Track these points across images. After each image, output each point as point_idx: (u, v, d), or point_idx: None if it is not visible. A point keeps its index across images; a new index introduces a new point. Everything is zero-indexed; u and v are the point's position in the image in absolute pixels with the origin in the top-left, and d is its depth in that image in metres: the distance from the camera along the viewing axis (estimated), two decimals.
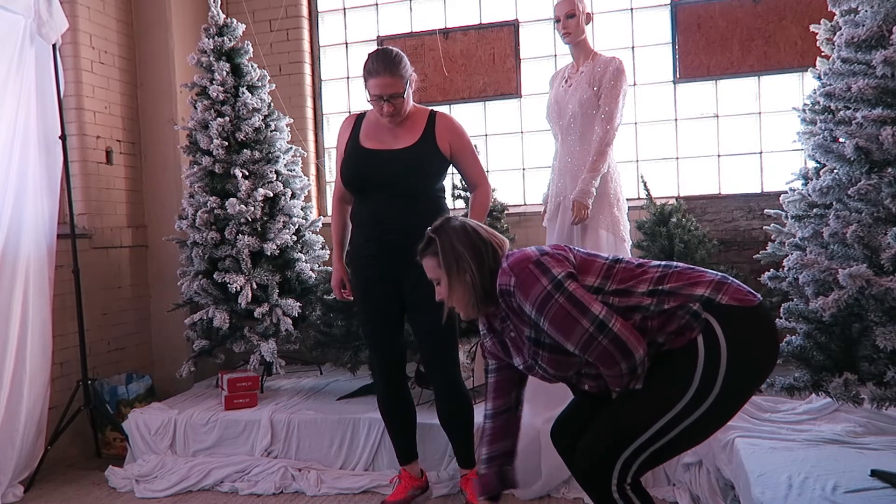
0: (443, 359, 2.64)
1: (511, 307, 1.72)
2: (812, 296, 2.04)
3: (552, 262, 1.65)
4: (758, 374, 1.67)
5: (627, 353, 1.58)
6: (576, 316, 1.59)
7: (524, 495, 2.85)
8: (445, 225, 1.83)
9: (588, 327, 1.58)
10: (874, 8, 2.06)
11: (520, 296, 1.65)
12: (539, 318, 1.64)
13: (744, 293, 1.64)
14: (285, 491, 3.02)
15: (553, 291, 1.61)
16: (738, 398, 1.65)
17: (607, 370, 1.62)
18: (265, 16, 4.53)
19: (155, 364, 4.20)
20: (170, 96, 4.14)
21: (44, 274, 3.30)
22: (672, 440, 1.62)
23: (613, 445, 1.64)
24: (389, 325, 2.68)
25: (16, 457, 3.08)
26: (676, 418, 1.59)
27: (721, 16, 3.97)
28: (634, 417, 1.63)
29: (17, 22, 3.23)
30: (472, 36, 4.37)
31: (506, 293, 1.70)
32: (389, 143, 2.58)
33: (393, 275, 2.59)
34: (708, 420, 1.61)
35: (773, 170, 3.94)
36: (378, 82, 2.47)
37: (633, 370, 1.60)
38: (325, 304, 3.42)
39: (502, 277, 1.69)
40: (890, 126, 1.92)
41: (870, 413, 2.58)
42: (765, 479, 2.17)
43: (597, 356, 1.60)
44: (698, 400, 1.58)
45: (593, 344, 1.58)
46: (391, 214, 2.55)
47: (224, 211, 3.50)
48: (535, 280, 1.63)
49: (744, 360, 1.59)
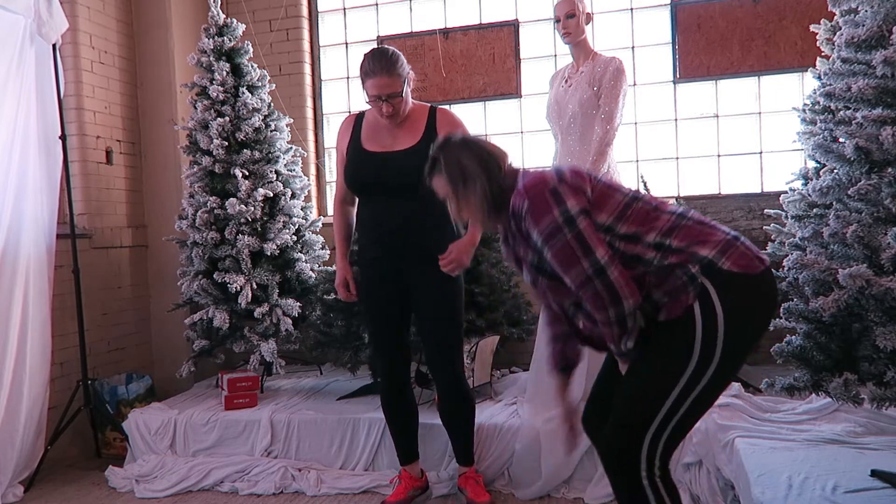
0: (447, 356, 2.64)
1: (519, 229, 1.70)
2: (812, 296, 2.04)
3: (568, 193, 1.62)
4: (757, 336, 1.68)
5: (617, 301, 1.57)
6: (579, 255, 1.58)
7: (524, 495, 2.85)
8: (447, 142, 1.82)
9: (587, 269, 1.58)
10: (874, 8, 2.07)
11: (529, 221, 1.64)
12: (544, 247, 1.63)
13: (749, 258, 1.60)
14: (285, 491, 3.02)
15: (563, 225, 1.60)
16: (739, 359, 1.65)
17: (596, 313, 1.61)
18: (265, 16, 4.53)
19: (155, 364, 4.20)
20: (170, 96, 4.14)
21: (44, 274, 3.30)
22: (687, 412, 1.61)
23: (635, 429, 1.63)
24: (394, 326, 2.68)
25: (16, 457, 3.08)
26: (685, 390, 1.59)
27: (721, 16, 3.97)
28: (647, 397, 1.62)
29: (17, 22, 3.23)
30: (472, 36, 4.37)
31: (517, 216, 1.68)
32: (390, 145, 2.57)
33: (397, 275, 2.59)
34: (714, 385, 1.61)
35: (773, 170, 3.94)
36: (375, 83, 2.45)
37: (622, 320, 1.59)
38: (325, 304, 3.42)
39: (516, 198, 1.68)
40: (890, 126, 1.92)
41: (870, 413, 2.58)
42: (765, 479, 2.17)
43: (588, 297, 1.60)
44: (701, 369, 1.58)
45: (588, 285, 1.58)
46: (393, 217, 2.54)
47: (224, 211, 3.50)
48: (547, 210, 1.61)
49: (742, 327, 1.59)
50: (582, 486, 2.84)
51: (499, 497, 2.84)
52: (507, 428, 2.95)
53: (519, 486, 2.89)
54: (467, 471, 2.77)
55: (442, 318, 2.60)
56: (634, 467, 1.62)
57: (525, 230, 1.67)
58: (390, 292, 2.62)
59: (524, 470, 2.89)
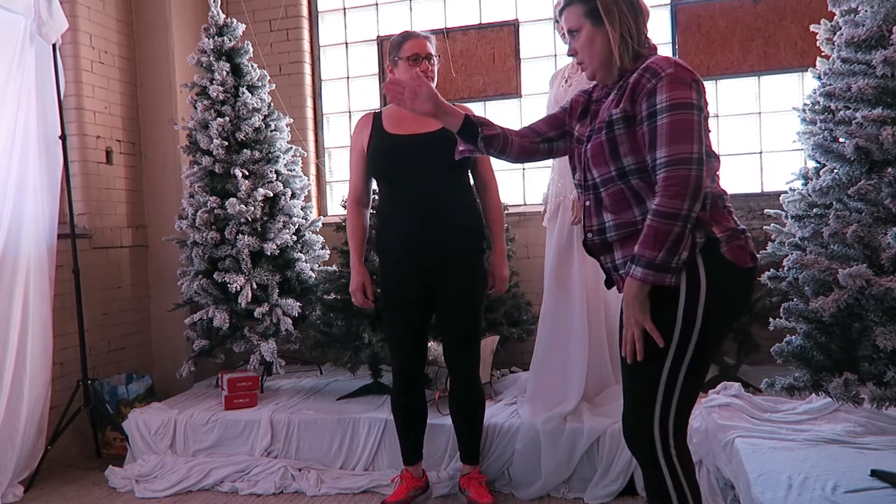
0: (466, 349, 2.66)
1: (637, 84, 1.62)
2: (812, 296, 2.04)
3: (705, 97, 1.62)
4: (727, 325, 1.71)
5: (697, 195, 1.52)
6: (693, 136, 1.54)
7: (524, 495, 2.85)
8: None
9: (694, 151, 1.53)
10: (874, 8, 2.06)
11: (665, 84, 1.57)
12: (664, 112, 1.56)
13: (744, 253, 1.62)
14: (285, 491, 3.02)
15: (694, 107, 1.57)
16: (715, 340, 1.66)
17: (671, 199, 1.52)
18: (265, 16, 4.53)
19: (155, 364, 4.20)
20: (170, 96, 4.14)
21: (44, 274, 3.30)
22: (684, 385, 1.62)
23: (642, 407, 1.64)
24: (415, 324, 2.68)
25: (16, 457, 3.08)
26: (675, 364, 1.60)
27: (721, 16, 3.97)
28: (644, 374, 1.63)
29: (17, 22, 3.23)
30: (472, 36, 4.37)
31: (652, 72, 1.61)
32: (416, 129, 2.59)
33: (421, 272, 2.60)
34: (698, 361, 1.62)
35: (773, 170, 3.94)
36: (416, 42, 2.59)
37: (687, 219, 1.52)
38: (325, 304, 3.42)
39: (660, 60, 1.63)
40: (890, 126, 1.92)
41: (870, 413, 2.58)
42: (765, 479, 2.17)
43: (675, 178, 1.52)
44: (685, 341, 1.58)
45: (684, 165, 1.52)
46: (418, 208, 2.56)
47: (224, 211, 3.50)
48: (687, 87, 1.58)
49: (719, 311, 1.60)
50: (582, 486, 2.84)
51: (499, 497, 2.84)
52: (507, 428, 2.95)
53: (519, 486, 2.89)
54: (471, 471, 2.77)
55: (464, 309, 2.63)
56: (651, 448, 1.63)
57: (648, 87, 1.60)
58: (417, 288, 2.62)
59: (524, 470, 2.89)
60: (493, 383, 3.47)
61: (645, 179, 1.63)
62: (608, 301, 3.10)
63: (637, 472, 2.76)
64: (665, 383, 1.61)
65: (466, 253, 2.62)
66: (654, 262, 1.53)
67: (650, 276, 1.54)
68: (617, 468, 2.79)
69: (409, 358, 2.70)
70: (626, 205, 1.66)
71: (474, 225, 2.66)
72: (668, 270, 1.53)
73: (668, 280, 1.54)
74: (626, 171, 1.65)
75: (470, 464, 2.77)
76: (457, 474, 2.88)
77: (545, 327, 3.10)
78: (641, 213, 1.63)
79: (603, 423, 2.84)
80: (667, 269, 1.53)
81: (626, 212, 1.66)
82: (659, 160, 1.56)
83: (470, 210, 2.66)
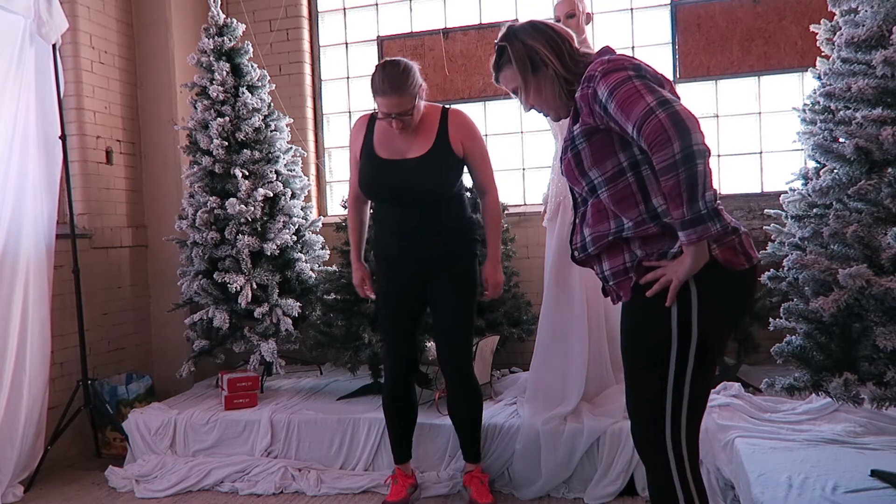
0: (459, 348, 2.67)
1: (583, 97, 1.63)
2: (812, 296, 2.04)
3: (649, 71, 1.59)
4: (728, 328, 1.68)
5: (683, 131, 1.44)
6: (643, 93, 1.50)
7: (524, 495, 2.85)
8: (512, 29, 1.76)
9: (650, 101, 1.48)
10: (874, 8, 2.06)
11: (599, 80, 1.58)
12: (609, 99, 1.55)
13: (735, 254, 1.57)
14: (285, 491, 3.02)
15: (629, 78, 1.54)
16: (716, 342, 1.64)
17: (660, 152, 1.46)
18: (265, 16, 4.53)
19: (155, 364, 4.20)
20: (170, 96, 4.14)
21: (43, 274, 3.30)
22: (691, 394, 1.60)
23: (652, 419, 1.61)
24: (407, 323, 2.70)
25: (16, 457, 3.08)
26: (679, 372, 1.57)
27: (721, 16, 3.97)
28: (649, 386, 1.61)
29: (17, 22, 3.23)
30: (472, 36, 4.37)
31: (588, 78, 1.62)
32: (403, 152, 2.57)
33: (416, 274, 2.64)
34: (702, 366, 1.59)
35: (773, 170, 3.94)
36: (385, 102, 2.43)
37: (689, 157, 1.43)
38: (325, 304, 3.42)
39: (593, 66, 1.63)
40: (890, 126, 1.92)
41: (870, 413, 2.58)
42: (765, 479, 2.17)
43: (650, 135, 1.47)
44: (684, 347, 1.56)
45: (650, 117, 1.46)
46: (410, 223, 2.58)
47: (224, 211, 3.50)
48: (619, 70, 1.56)
49: (715, 317, 1.58)
50: (582, 486, 2.84)
51: (499, 497, 2.83)
52: (507, 428, 2.95)
53: (519, 486, 2.89)
54: (473, 469, 2.77)
55: (457, 309, 2.64)
56: (664, 463, 1.61)
57: (591, 93, 1.60)
58: (410, 287, 2.66)
59: (524, 470, 2.89)
60: (493, 383, 3.46)
61: (611, 191, 1.62)
62: (608, 301, 3.09)
63: (637, 473, 2.76)
64: (672, 394, 1.59)
65: (458, 260, 2.64)
66: (686, 220, 1.47)
67: (693, 234, 1.47)
68: (617, 468, 2.79)
69: (400, 357, 2.72)
70: (602, 217, 1.66)
71: (466, 233, 2.67)
72: (702, 220, 1.45)
73: (713, 229, 1.47)
74: (595, 186, 1.65)
75: (471, 462, 2.78)
76: (457, 474, 2.88)
77: (545, 327, 3.10)
78: (616, 226, 1.63)
79: (603, 424, 2.84)
80: (701, 219, 1.45)
81: (601, 224, 1.66)
82: (634, 135, 1.53)
83: (461, 220, 2.67)
